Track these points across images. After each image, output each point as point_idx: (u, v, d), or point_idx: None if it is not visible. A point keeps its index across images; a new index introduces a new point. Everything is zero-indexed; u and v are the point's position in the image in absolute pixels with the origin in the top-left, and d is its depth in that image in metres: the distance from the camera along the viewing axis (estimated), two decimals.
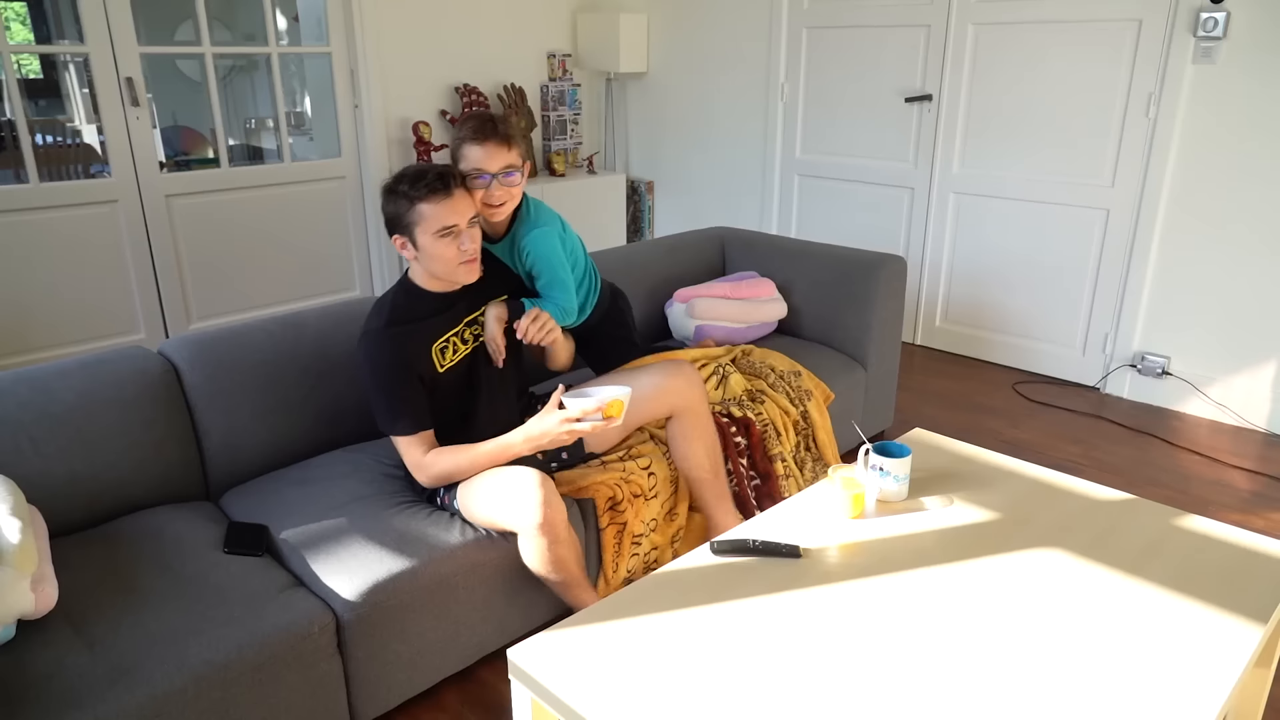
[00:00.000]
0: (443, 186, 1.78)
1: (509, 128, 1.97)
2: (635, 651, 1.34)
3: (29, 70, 5.89)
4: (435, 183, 1.77)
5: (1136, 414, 3.40)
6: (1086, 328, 3.62)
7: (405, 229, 1.81)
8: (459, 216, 1.79)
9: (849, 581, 1.52)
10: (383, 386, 1.83)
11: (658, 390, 2.08)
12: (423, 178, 1.77)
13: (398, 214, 1.80)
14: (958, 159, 3.86)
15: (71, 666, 1.40)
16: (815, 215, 4.43)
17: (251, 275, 4.09)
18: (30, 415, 1.78)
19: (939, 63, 3.81)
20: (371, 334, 1.84)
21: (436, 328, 1.89)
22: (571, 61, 4.96)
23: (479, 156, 1.93)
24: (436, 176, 1.78)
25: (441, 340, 1.90)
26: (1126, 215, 3.41)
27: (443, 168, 1.81)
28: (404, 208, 1.79)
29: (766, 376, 2.54)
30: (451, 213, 1.78)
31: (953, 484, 1.87)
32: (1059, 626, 1.39)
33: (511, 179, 1.97)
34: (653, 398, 2.08)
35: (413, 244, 1.82)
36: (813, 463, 2.55)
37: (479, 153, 1.93)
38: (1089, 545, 1.63)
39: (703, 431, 2.15)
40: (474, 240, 1.83)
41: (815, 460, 2.55)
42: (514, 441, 1.82)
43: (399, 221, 1.81)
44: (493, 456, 1.84)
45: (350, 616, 1.65)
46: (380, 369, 1.82)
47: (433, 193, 1.77)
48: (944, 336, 4.10)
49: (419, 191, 1.77)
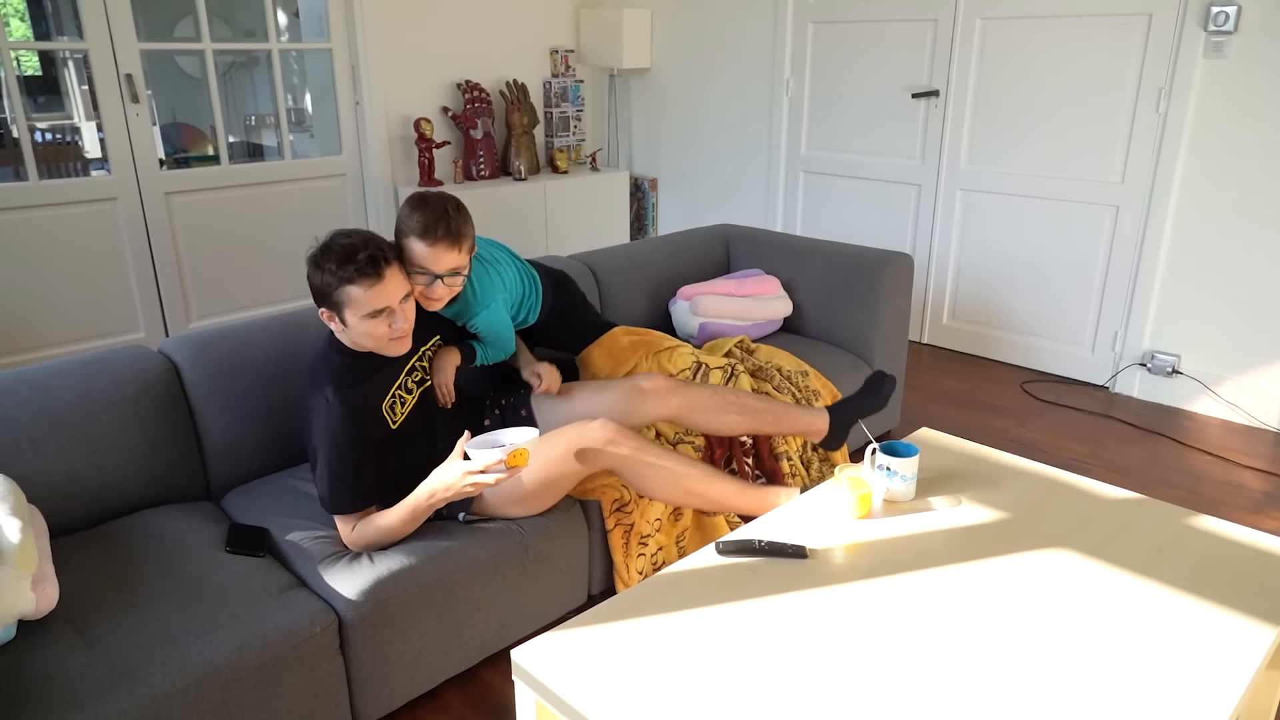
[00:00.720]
0: (373, 270, 1.68)
1: (460, 224, 1.86)
2: (640, 652, 1.34)
3: (28, 67, 5.90)
4: (366, 267, 1.67)
5: (1146, 413, 3.39)
6: (1096, 326, 3.62)
7: (333, 306, 1.72)
8: (390, 298, 1.72)
9: (856, 582, 1.52)
10: (332, 461, 1.73)
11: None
12: (351, 259, 1.67)
13: (324, 291, 1.70)
14: (965, 155, 3.85)
15: (72, 667, 1.41)
16: (820, 212, 4.43)
17: (251, 273, 4.09)
18: (30, 415, 1.79)
19: (946, 58, 3.81)
20: (324, 404, 1.73)
21: (379, 386, 1.82)
22: (574, 57, 4.97)
23: (425, 256, 1.84)
24: (368, 260, 1.67)
25: (388, 398, 1.84)
26: (1136, 212, 3.40)
27: (374, 246, 1.70)
28: (331, 286, 1.69)
29: (772, 378, 2.53)
30: (382, 296, 1.70)
31: (960, 484, 1.87)
32: (1068, 628, 1.39)
33: (456, 280, 1.91)
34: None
35: (340, 320, 1.74)
36: (819, 462, 2.54)
37: (426, 253, 1.84)
38: (1099, 546, 1.63)
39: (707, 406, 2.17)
40: (407, 319, 1.76)
41: (822, 460, 2.55)
42: (419, 499, 1.72)
43: (326, 298, 1.71)
44: (405, 520, 1.74)
45: (352, 616, 1.65)
46: (338, 441, 1.72)
47: (363, 276, 1.67)
48: (951, 335, 4.10)
49: (347, 273, 1.67)
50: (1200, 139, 3.19)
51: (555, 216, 4.66)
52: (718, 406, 2.18)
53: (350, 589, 1.67)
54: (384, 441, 1.83)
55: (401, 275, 1.76)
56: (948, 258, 4.01)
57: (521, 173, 4.64)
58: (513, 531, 1.91)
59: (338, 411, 1.73)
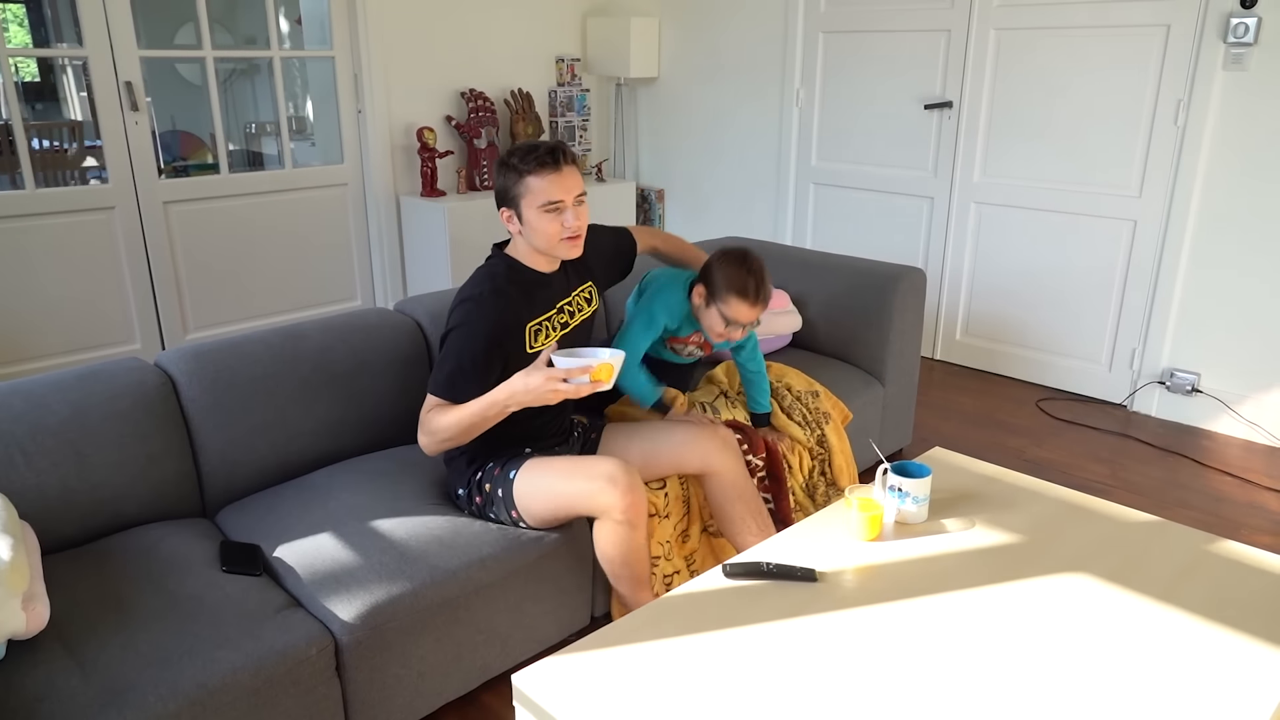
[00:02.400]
0: (552, 161, 1.84)
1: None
2: (645, 677, 1.33)
3: (26, 73, 5.95)
4: (545, 157, 1.84)
5: (1165, 433, 3.38)
6: (1113, 343, 3.61)
7: (512, 202, 1.87)
8: (565, 192, 1.86)
9: (866, 607, 1.51)
10: (462, 350, 1.84)
11: (687, 443, 2.08)
12: (534, 151, 1.85)
13: (506, 187, 1.88)
14: (979, 168, 3.86)
15: (63, 688, 1.41)
16: (831, 225, 4.43)
17: (250, 284, 4.11)
18: (23, 428, 1.79)
19: (959, 69, 3.82)
20: (476, 299, 1.87)
21: (533, 304, 1.94)
22: (580, 66, 4.99)
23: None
24: (547, 151, 1.85)
25: (536, 321, 1.95)
26: (1154, 226, 3.40)
27: (555, 143, 1.88)
28: (512, 180, 1.86)
29: (783, 399, 2.53)
30: (558, 187, 1.85)
31: (974, 505, 1.86)
32: (1085, 655, 1.38)
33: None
34: (681, 447, 2.08)
35: (518, 217, 1.88)
36: (825, 487, 2.53)
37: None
38: (1117, 570, 1.62)
39: (747, 498, 2.13)
40: (579, 219, 1.89)
41: (829, 485, 2.54)
42: (496, 399, 1.79)
43: (506, 194, 1.88)
44: (478, 414, 1.81)
45: (349, 639, 1.65)
46: (474, 334, 1.84)
47: (542, 166, 1.84)
48: (964, 351, 4.09)
49: (528, 165, 1.84)
50: (1220, 152, 3.19)
51: None
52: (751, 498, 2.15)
53: (347, 611, 1.66)
54: (512, 362, 1.89)
55: (577, 176, 1.89)
56: (961, 272, 4.01)
57: None
58: (514, 553, 1.90)
59: (488, 305, 1.87)
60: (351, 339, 2.26)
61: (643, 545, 1.91)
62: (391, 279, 4.51)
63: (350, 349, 2.25)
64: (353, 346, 2.25)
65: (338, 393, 2.20)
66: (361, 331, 2.29)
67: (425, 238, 4.33)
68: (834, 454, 2.53)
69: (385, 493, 2.00)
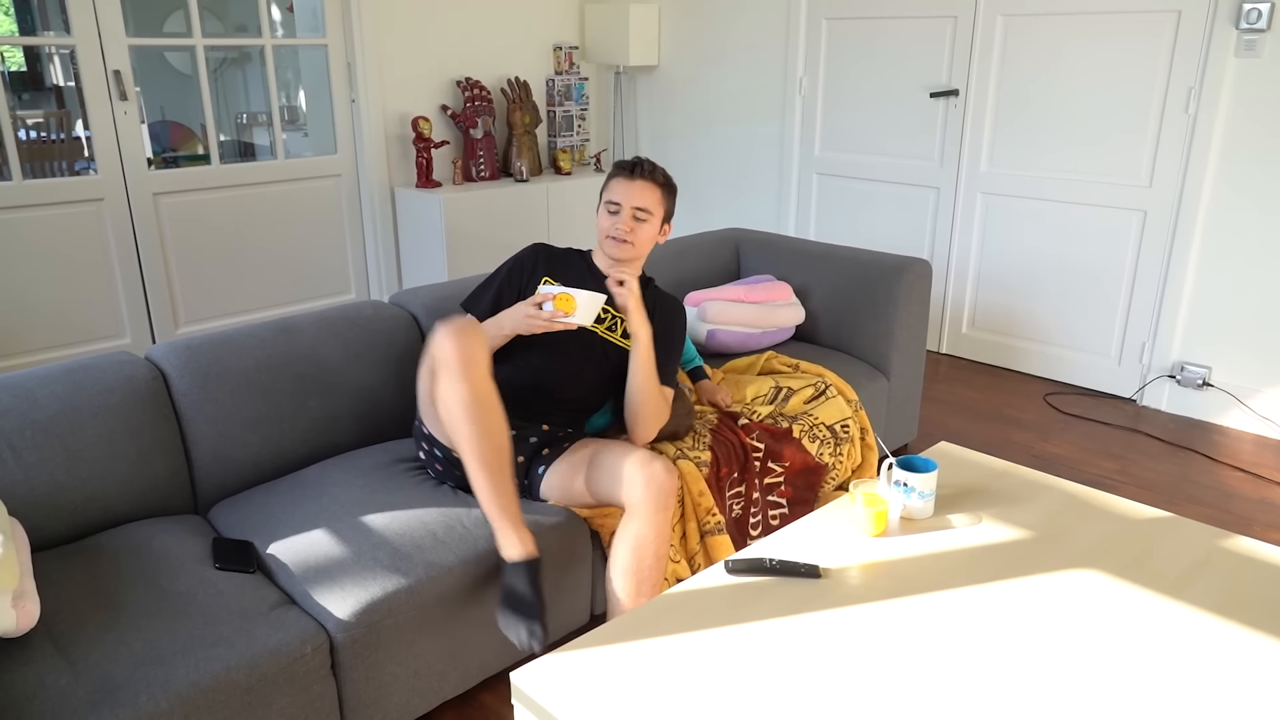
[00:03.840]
0: (627, 171, 2.14)
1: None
2: (646, 675, 1.33)
3: (12, 62, 5.94)
4: (630, 166, 2.15)
5: (1175, 428, 3.38)
6: (1122, 336, 3.61)
7: (601, 197, 2.17)
8: (627, 200, 2.11)
9: (871, 603, 1.51)
10: (493, 273, 2.21)
11: (627, 480, 1.92)
12: (625, 162, 2.16)
13: (605, 184, 2.19)
14: (986, 157, 3.86)
15: (53, 687, 1.41)
16: (835, 216, 4.43)
17: (241, 278, 4.11)
18: (12, 423, 1.79)
19: (966, 56, 3.81)
20: (529, 247, 2.23)
21: (565, 276, 2.18)
22: (578, 54, 4.99)
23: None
24: (634, 163, 2.15)
25: (547, 280, 2.17)
26: (1165, 217, 3.40)
27: (644, 161, 2.16)
28: (607, 178, 2.19)
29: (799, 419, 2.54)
30: (621, 193, 2.12)
31: (981, 501, 1.86)
32: (1094, 652, 1.39)
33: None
34: (617, 483, 1.94)
35: (597, 212, 2.18)
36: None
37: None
38: (1126, 567, 1.62)
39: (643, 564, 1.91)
40: (628, 225, 2.11)
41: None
42: (496, 318, 2.05)
43: (603, 192, 2.18)
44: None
45: (344, 637, 1.65)
46: (507, 267, 2.20)
47: (621, 172, 2.14)
48: (971, 344, 4.09)
49: (614, 170, 2.17)
50: (1232, 141, 3.18)
51: (558, 219, 4.67)
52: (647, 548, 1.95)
53: (342, 608, 1.67)
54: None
55: (648, 190, 2.13)
56: (967, 264, 4.01)
57: (523, 174, 4.65)
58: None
59: (528, 252, 2.22)
60: (345, 333, 2.27)
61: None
62: (386, 272, 4.51)
63: (344, 343, 2.25)
64: (346, 340, 2.26)
65: (331, 387, 2.20)
66: (356, 325, 2.30)
67: (420, 230, 4.33)
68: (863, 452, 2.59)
69: (379, 488, 2.01)
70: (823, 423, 2.51)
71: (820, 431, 2.49)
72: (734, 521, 2.31)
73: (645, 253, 2.18)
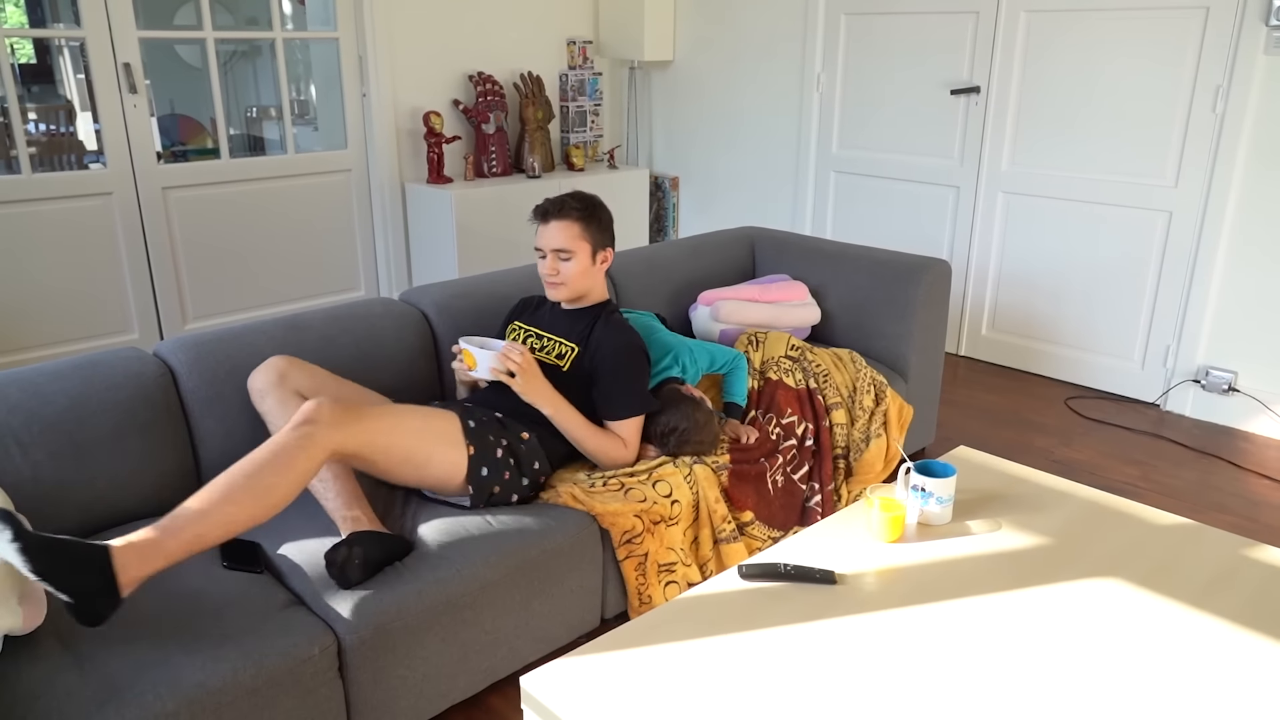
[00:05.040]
0: (540, 216, 2.22)
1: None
2: (658, 681, 1.33)
3: (22, 55, 5.99)
4: (538, 208, 2.22)
5: (1200, 433, 3.36)
6: (1146, 339, 3.59)
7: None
8: (545, 244, 2.19)
9: (888, 610, 1.51)
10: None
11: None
12: (539, 206, 2.23)
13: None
14: (1007, 156, 3.84)
15: (60, 685, 1.42)
16: (852, 215, 4.42)
17: (250, 273, 4.13)
18: (20, 419, 1.81)
19: (988, 52, 3.80)
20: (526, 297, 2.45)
21: (530, 318, 2.33)
22: (593, 49, 4.99)
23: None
24: (544, 206, 2.21)
25: (514, 325, 2.33)
26: (1191, 218, 3.38)
27: (553, 200, 2.21)
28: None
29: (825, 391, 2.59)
30: (541, 239, 2.20)
31: (1000, 507, 1.85)
32: (1116, 663, 1.38)
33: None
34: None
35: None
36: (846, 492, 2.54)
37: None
38: (1149, 575, 1.61)
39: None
40: (552, 267, 2.20)
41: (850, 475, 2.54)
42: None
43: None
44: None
45: (352, 638, 1.66)
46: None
47: (534, 216, 2.24)
48: (990, 347, 4.07)
49: (531, 215, 2.25)
50: (1260, 141, 3.16)
51: None
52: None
53: (350, 610, 1.67)
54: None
55: (567, 231, 2.18)
56: (987, 265, 3.99)
57: (535, 170, 4.66)
58: (519, 549, 1.91)
59: (516, 304, 2.42)
60: (355, 329, 2.27)
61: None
62: (396, 269, 4.52)
63: (354, 340, 2.26)
64: (356, 338, 2.26)
65: None
66: (365, 322, 2.31)
67: (431, 226, 4.34)
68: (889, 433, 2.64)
69: (388, 488, 2.01)
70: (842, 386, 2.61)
71: (843, 393, 2.60)
72: (800, 505, 2.42)
73: (585, 286, 2.24)
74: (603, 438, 2.16)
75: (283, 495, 1.64)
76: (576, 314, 2.28)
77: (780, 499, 2.35)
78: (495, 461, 1.99)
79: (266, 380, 1.95)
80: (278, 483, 1.63)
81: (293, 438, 1.68)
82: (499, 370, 2.06)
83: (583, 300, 2.28)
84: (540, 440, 2.12)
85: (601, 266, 2.26)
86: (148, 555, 1.48)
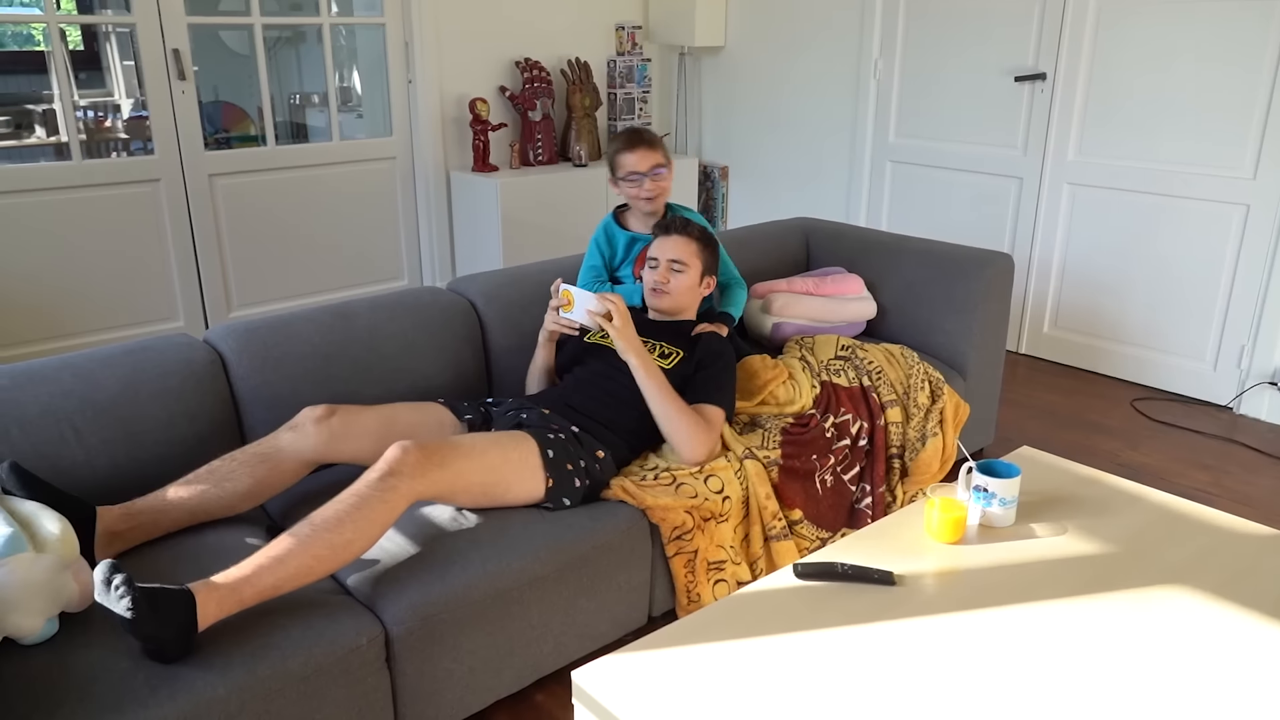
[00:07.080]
0: (662, 229, 2.40)
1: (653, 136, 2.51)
2: (712, 679, 1.34)
3: (71, 41, 6.14)
4: (660, 223, 2.44)
5: (1276, 438, 3.29)
6: (1219, 338, 3.51)
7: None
8: (660, 254, 2.36)
9: (949, 614, 1.50)
10: None
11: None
12: (661, 222, 2.45)
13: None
14: (1074, 146, 3.78)
15: (113, 669, 1.47)
16: (909, 207, 4.38)
17: (293, 260, 4.20)
18: (73, 404, 1.86)
19: (1055, 37, 3.74)
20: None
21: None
22: (641, 34, 4.99)
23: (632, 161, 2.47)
24: (668, 222, 2.43)
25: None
26: (1269, 211, 3.30)
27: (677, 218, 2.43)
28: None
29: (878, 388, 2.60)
30: (656, 248, 2.37)
31: (1066, 510, 1.83)
32: (1185, 676, 1.36)
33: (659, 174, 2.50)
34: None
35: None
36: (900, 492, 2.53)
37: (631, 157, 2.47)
38: (1223, 585, 1.58)
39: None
40: (664, 276, 2.35)
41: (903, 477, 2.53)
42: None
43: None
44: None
45: (399, 630, 1.69)
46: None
47: (655, 230, 2.44)
48: (1053, 345, 4.02)
49: (657, 228, 2.44)
50: None
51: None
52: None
53: (399, 602, 1.70)
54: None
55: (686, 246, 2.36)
56: (1051, 259, 3.93)
57: (582, 158, 4.68)
58: (567, 544, 1.93)
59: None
60: (403, 318, 2.31)
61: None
62: (440, 257, 4.57)
63: (401, 329, 2.29)
64: (404, 326, 2.30)
65: (389, 373, 2.24)
66: (413, 311, 2.34)
67: (476, 215, 4.38)
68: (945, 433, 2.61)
69: None
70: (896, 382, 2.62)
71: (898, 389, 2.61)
72: (850, 506, 2.43)
73: (685, 302, 2.39)
74: (687, 408, 2.16)
75: (360, 549, 1.68)
76: (672, 326, 2.40)
77: (829, 499, 2.34)
78: (573, 491, 2.01)
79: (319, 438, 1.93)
80: (356, 538, 1.66)
81: (377, 491, 1.69)
82: (596, 313, 2.11)
83: (677, 315, 2.42)
84: (614, 457, 2.14)
85: (703, 290, 2.42)
86: (225, 603, 1.54)
